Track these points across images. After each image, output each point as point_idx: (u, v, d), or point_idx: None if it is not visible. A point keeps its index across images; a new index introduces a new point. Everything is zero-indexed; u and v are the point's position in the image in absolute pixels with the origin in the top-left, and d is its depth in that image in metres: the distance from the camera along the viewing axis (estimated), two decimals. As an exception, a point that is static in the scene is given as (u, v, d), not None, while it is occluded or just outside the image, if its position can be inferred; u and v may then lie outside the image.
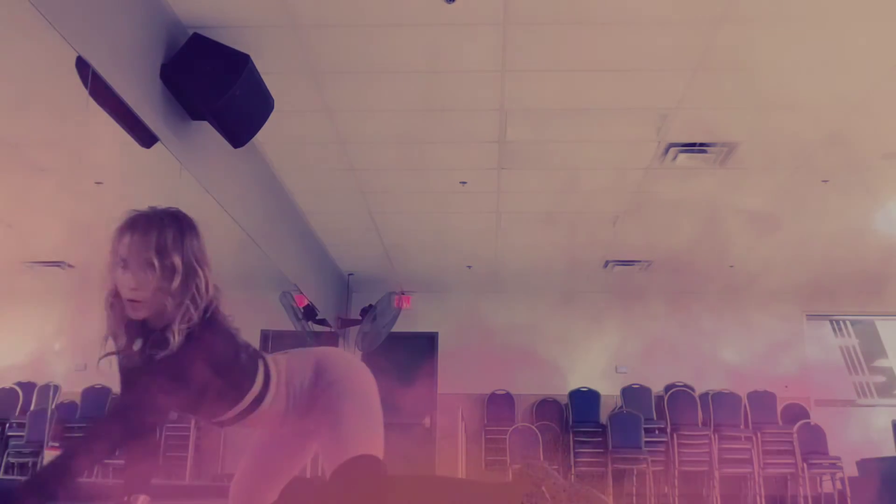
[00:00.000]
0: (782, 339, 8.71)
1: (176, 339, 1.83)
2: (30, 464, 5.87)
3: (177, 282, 1.87)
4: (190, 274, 1.89)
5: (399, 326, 8.49)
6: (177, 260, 1.88)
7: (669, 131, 5.12)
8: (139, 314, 1.89)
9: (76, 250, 5.30)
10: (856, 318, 9.13)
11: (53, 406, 6.41)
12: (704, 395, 8.47)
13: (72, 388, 6.48)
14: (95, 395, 6.46)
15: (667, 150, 5.40)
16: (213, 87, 3.85)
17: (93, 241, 2.50)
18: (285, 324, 8.02)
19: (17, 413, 7.03)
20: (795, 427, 7.94)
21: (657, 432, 8.12)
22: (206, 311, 1.91)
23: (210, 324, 1.92)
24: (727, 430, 8.06)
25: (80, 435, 1.88)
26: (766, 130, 5.13)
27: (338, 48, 4.19)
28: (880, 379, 8.99)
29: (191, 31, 3.92)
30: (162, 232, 1.90)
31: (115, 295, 1.91)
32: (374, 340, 8.35)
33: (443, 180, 6.02)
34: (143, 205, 2.01)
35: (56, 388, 6.42)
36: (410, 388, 8.60)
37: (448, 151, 5.53)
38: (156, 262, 1.86)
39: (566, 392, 8.67)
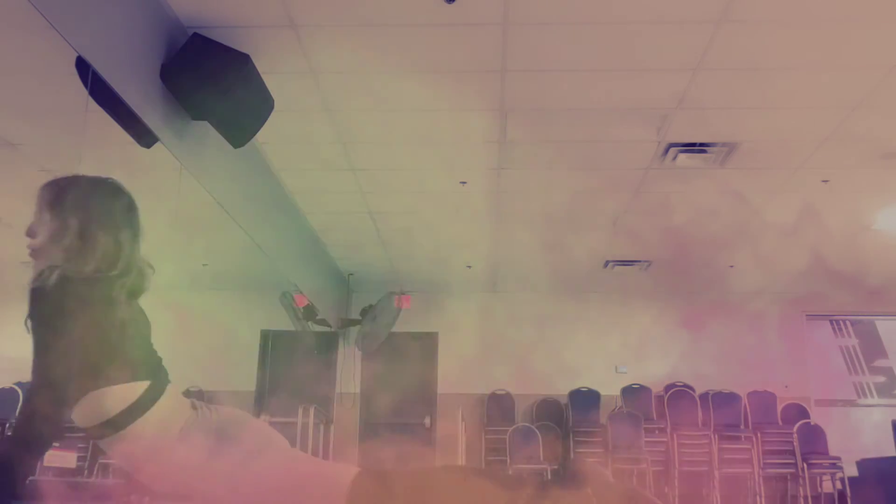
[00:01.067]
0: (782, 339, 8.71)
1: (52, 276, 1.73)
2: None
3: (68, 240, 1.81)
4: (87, 237, 1.82)
5: (399, 326, 8.50)
6: (72, 220, 1.82)
7: (669, 131, 5.12)
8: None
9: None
10: (856, 318, 9.14)
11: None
12: (704, 395, 8.48)
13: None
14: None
15: (667, 150, 5.40)
16: (213, 87, 3.85)
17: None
18: (285, 324, 8.03)
19: (17, 413, 7.03)
20: (795, 427, 7.96)
21: (657, 432, 8.13)
22: (101, 279, 1.80)
23: (101, 288, 1.80)
24: (727, 430, 8.07)
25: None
26: (766, 130, 5.13)
27: (338, 48, 4.19)
28: (880, 379, 8.99)
29: (191, 31, 3.92)
30: (66, 190, 1.86)
31: None
32: (374, 340, 8.35)
33: (443, 180, 6.02)
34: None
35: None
36: (410, 388, 8.61)
37: (448, 151, 5.53)
38: (47, 216, 1.83)
39: (566, 392, 8.67)
